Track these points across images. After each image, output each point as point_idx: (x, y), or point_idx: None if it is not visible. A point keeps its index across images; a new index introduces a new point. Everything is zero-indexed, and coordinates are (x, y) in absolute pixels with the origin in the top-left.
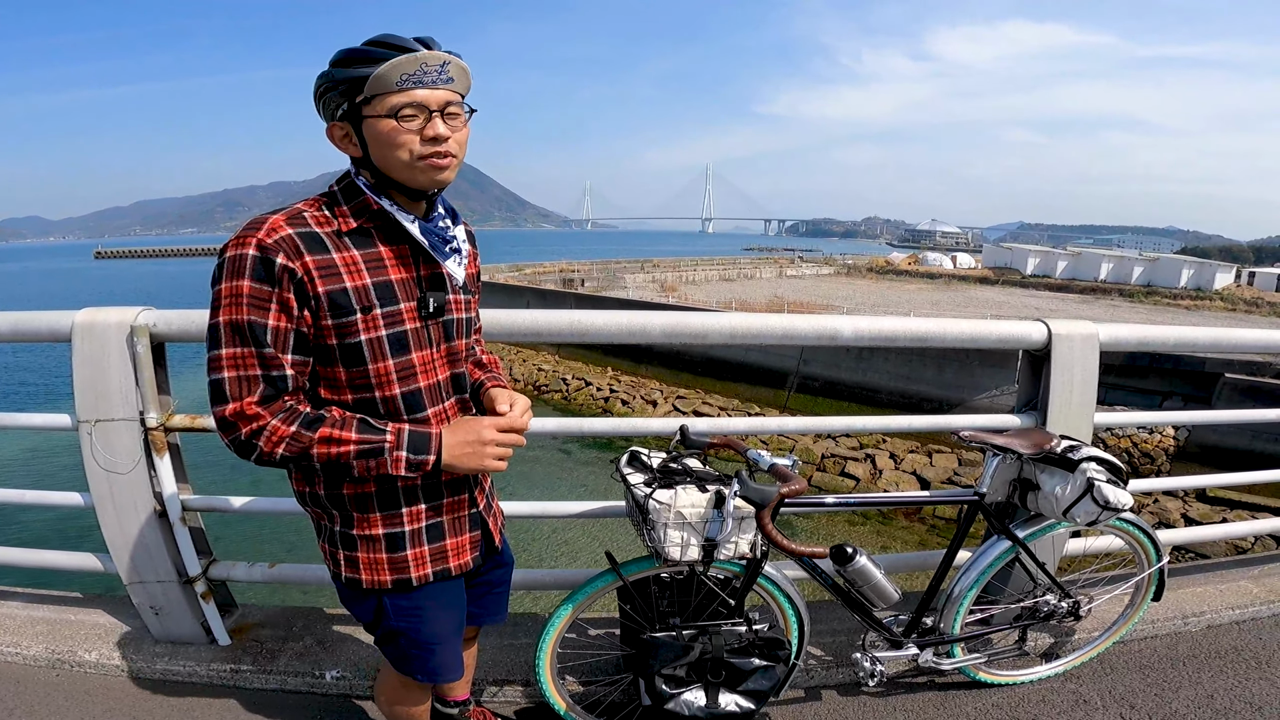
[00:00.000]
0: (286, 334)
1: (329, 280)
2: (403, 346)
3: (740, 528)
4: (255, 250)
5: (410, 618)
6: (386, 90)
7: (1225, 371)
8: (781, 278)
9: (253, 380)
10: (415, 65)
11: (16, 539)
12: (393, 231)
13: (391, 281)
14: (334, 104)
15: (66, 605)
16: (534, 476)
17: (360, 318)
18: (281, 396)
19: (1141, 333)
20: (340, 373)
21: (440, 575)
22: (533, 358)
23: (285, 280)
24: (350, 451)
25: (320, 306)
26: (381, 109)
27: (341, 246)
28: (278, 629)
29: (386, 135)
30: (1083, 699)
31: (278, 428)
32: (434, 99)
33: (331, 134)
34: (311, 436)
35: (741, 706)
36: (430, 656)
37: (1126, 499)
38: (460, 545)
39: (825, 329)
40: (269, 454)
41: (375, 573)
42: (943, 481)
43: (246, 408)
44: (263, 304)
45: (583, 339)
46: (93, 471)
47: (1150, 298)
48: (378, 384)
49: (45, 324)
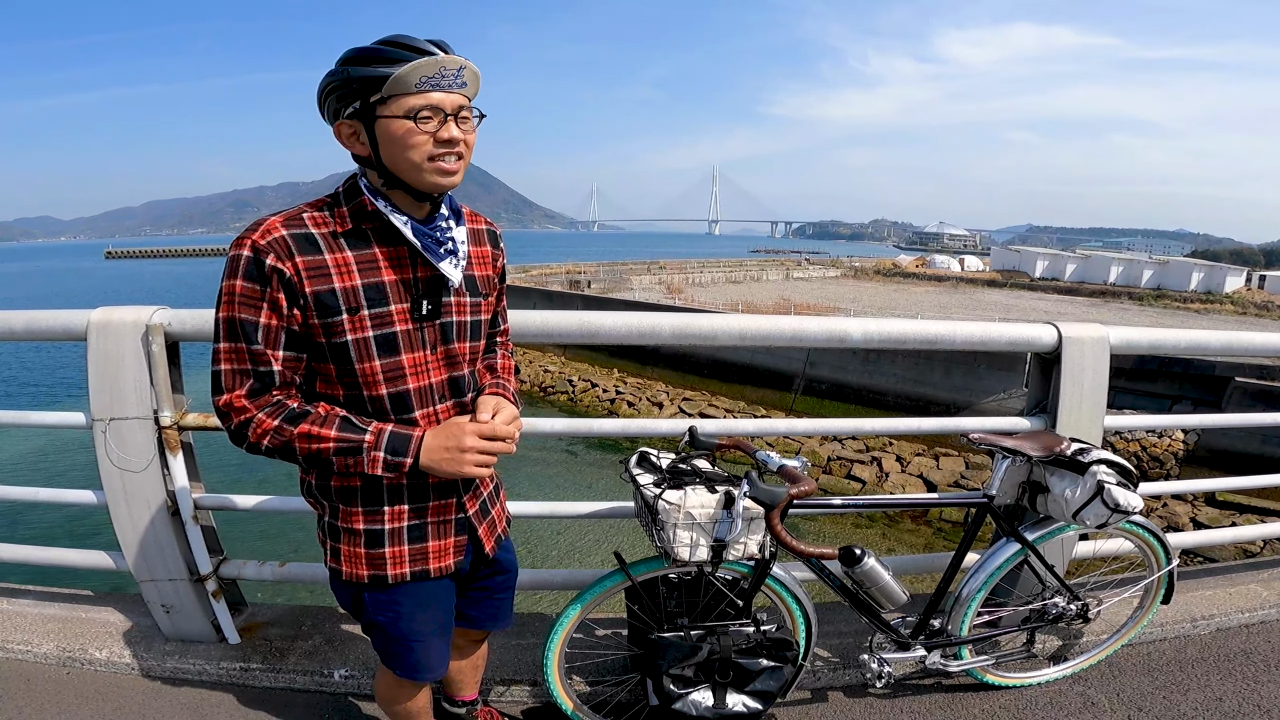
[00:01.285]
0: (277, 332)
1: (317, 281)
2: (391, 348)
3: (749, 528)
4: (249, 251)
5: (386, 612)
6: (405, 91)
7: (1236, 375)
8: (788, 280)
9: (243, 375)
10: (435, 69)
11: (24, 537)
12: (389, 233)
13: (384, 283)
14: (344, 101)
15: (77, 603)
16: (540, 477)
17: (346, 318)
18: (269, 391)
19: (1153, 336)
20: (331, 369)
21: (418, 576)
22: (539, 358)
23: (275, 280)
24: (329, 448)
25: (308, 306)
26: (398, 110)
27: (336, 247)
28: (287, 628)
29: (401, 136)
30: (1090, 701)
31: (263, 420)
32: (449, 102)
33: (339, 132)
34: (292, 431)
35: (749, 707)
36: (408, 653)
37: (1137, 502)
38: (443, 549)
39: (835, 331)
40: (255, 444)
41: (353, 566)
42: (949, 484)
43: (235, 400)
44: (254, 302)
45: (592, 340)
46: (106, 469)
47: (1160, 301)
48: (364, 383)
49: (61, 322)
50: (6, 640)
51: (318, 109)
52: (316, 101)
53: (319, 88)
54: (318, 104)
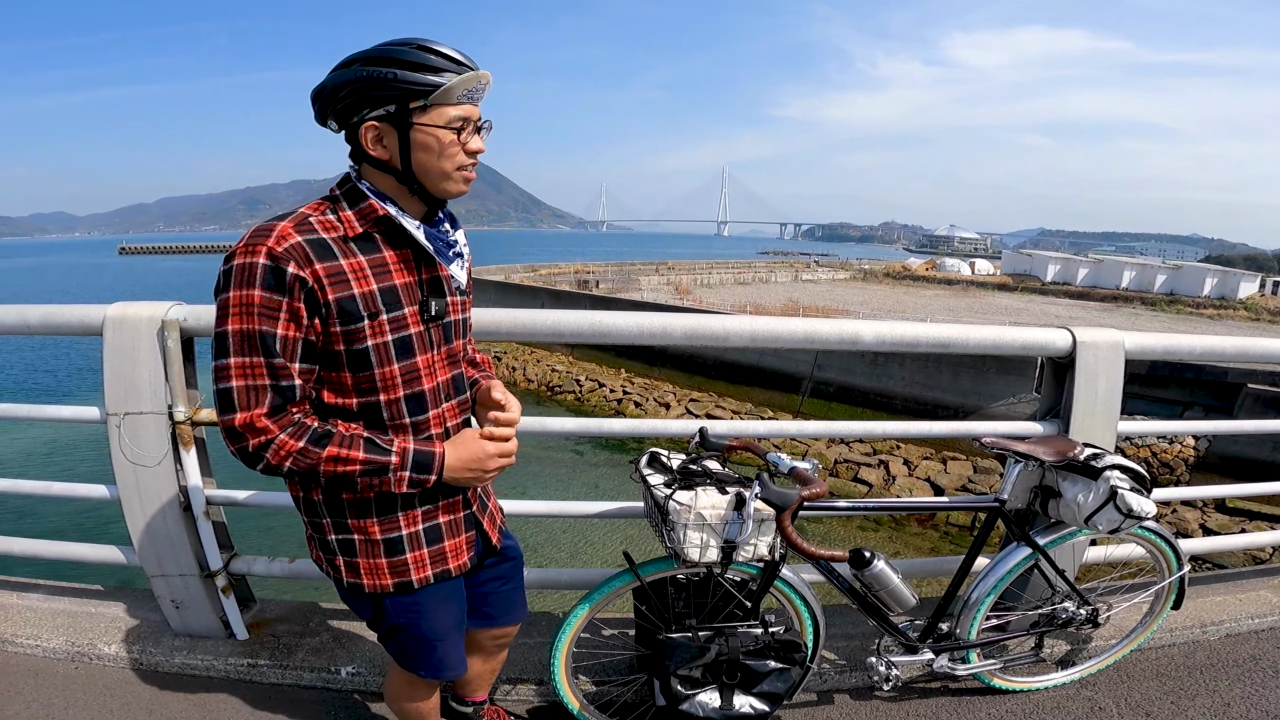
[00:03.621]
0: (295, 343)
1: (338, 287)
2: (408, 350)
3: (759, 530)
4: (266, 259)
5: (411, 614)
6: (449, 102)
7: (1248, 382)
8: (797, 282)
9: (261, 390)
10: (476, 82)
11: (31, 532)
12: (397, 236)
13: (396, 286)
14: (375, 103)
15: (86, 598)
16: (547, 476)
17: (368, 324)
18: (289, 407)
19: (1168, 342)
20: (347, 377)
21: (441, 577)
22: (546, 358)
23: (296, 289)
24: (356, 470)
25: (330, 314)
26: (439, 119)
27: (348, 252)
28: (295, 624)
29: (441, 145)
30: (1099, 706)
31: (286, 442)
32: (476, 114)
33: (364, 134)
34: (320, 454)
35: (756, 708)
36: (432, 652)
37: (1150, 507)
38: (458, 546)
39: (846, 333)
40: (275, 466)
41: (376, 577)
42: (957, 488)
43: (256, 420)
44: (273, 313)
45: (604, 340)
46: (120, 464)
47: (1173, 306)
48: (383, 388)
49: (77, 317)
50: (16, 634)
51: (313, 103)
52: (319, 95)
53: (334, 82)
54: (322, 98)
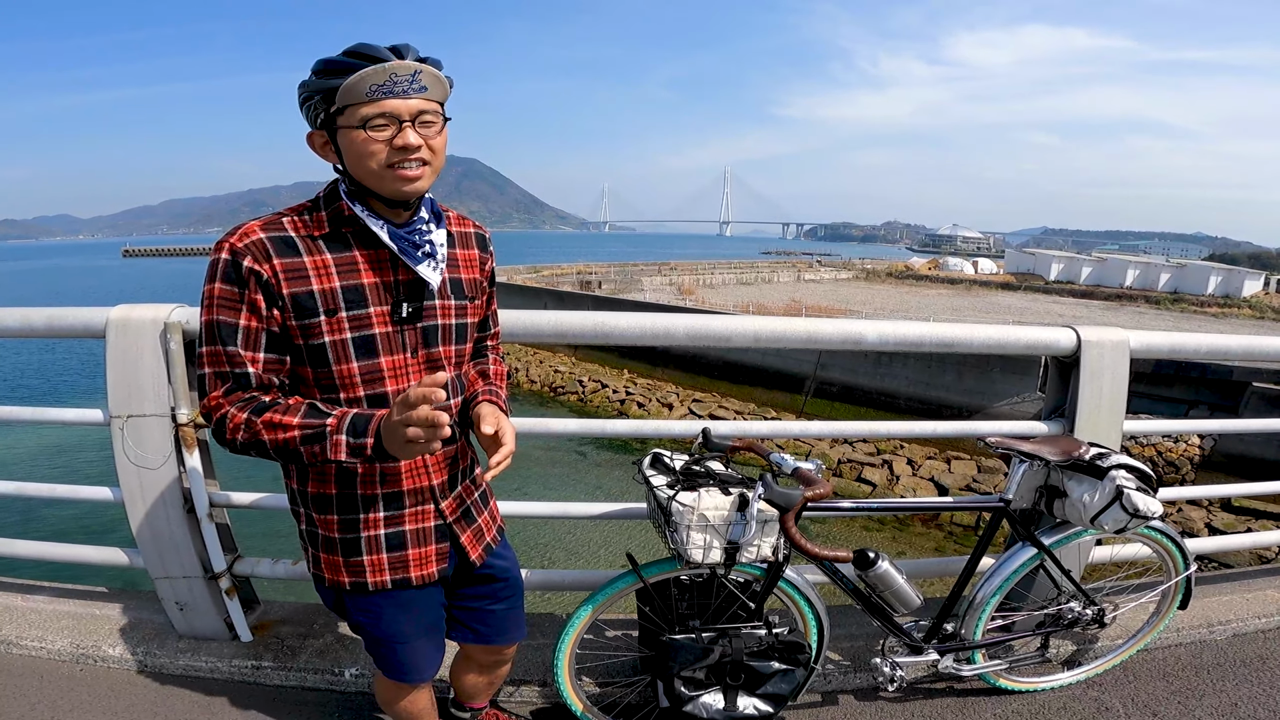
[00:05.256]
0: (257, 333)
1: (296, 283)
2: (369, 350)
3: (763, 531)
4: (227, 254)
5: (369, 614)
6: (357, 101)
7: (1253, 380)
8: (800, 282)
9: (224, 376)
10: (384, 76)
11: (36, 534)
12: (368, 236)
13: (363, 285)
14: (312, 113)
15: (91, 600)
16: (550, 477)
17: (324, 320)
18: (245, 391)
19: (1173, 340)
20: (308, 372)
21: (399, 584)
22: (549, 359)
23: (252, 282)
24: (295, 436)
25: (286, 307)
26: (353, 119)
27: (315, 250)
28: (298, 626)
29: (358, 145)
30: (1105, 706)
31: (234, 414)
32: (405, 108)
33: (311, 141)
34: (258, 421)
35: (760, 710)
36: (392, 654)
37: (1156, 507)
38: (424, 556)
39: (850, 333)
40: (231, 440)
41: (334, 573)
42: (961, 488)
43: (212, 400)
44: (233, 305)
45: (607, 340)
46: (123, 466)
47: (1177, 304)
48: (342, 385)
49: (80, 320)
50: (20, 636)
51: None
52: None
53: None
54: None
